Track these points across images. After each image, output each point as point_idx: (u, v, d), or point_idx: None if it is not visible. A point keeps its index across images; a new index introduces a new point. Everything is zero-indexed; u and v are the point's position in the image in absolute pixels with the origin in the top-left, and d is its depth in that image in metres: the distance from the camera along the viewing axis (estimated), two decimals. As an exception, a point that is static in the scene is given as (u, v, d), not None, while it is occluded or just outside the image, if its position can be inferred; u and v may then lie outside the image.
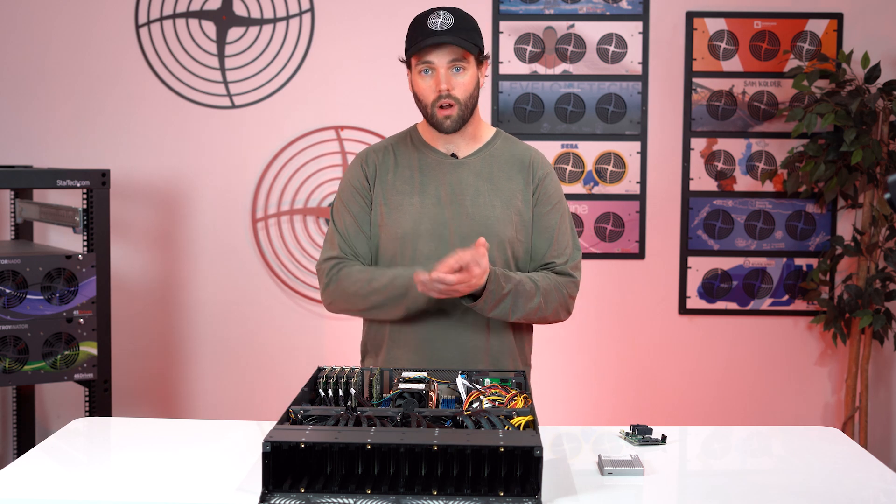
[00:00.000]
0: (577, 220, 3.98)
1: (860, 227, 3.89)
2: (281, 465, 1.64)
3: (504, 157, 2.36)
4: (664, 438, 2.05)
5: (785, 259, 4.00)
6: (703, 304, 4.03)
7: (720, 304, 4.02)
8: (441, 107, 2.25)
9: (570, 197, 3.89)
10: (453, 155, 2.35)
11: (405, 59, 2.30)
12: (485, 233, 2.27)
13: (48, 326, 3.17)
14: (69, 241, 3.91)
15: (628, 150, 3.98)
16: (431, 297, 2.15)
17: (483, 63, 2.30)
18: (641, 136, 3.98)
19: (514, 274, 2.26)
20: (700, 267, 4.01)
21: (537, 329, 2.49)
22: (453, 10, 2.25)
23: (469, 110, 2.28)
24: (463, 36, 2.21)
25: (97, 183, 3.26)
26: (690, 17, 3.94)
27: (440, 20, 2.21)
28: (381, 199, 2.34)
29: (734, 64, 3.95)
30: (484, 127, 2.40)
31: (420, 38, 2.22)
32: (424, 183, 2.33)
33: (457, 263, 2.09)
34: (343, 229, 2.35)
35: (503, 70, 3.96)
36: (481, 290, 2.17)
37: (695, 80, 3.96)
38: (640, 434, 2.05)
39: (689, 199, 4.00)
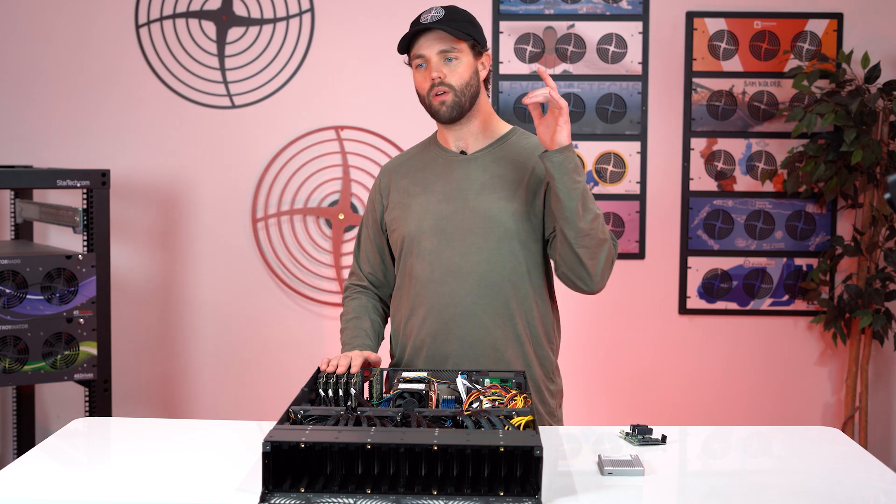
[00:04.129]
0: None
1: (860, 227, 3.89)
2: (281, 465, 1.64)
3: (516, 150, 2.35)
4: (664, 438, 2.05)
5: (785, 259, 4.00)
6: (703, 304, 4.03)
7: (720, 304, 4.02)
8: (436, 94, 2.27)
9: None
10: (462, 152, 2.37)
11: (407, 60, 2.34)
12: (486, 225, 2.28)
13: (48, 326, 3.17)
14: (69, 241, 3.91)
15: (628, 150, 3.98)
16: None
17: (482, 55, 2.31)
18: (641, 136, 3.98)
19: None
20: (700, 267, 4.01)
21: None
22: (446, 7, 2.29)
23: (467, 98, 2.28)
24: (453, 25, 2.24)
25: (97, 183, 3.26)
26: (690, 17, 3.94)
27: (430, 14, 2.26)
28: (394, 203, 2.40)
29: (734, 64, 3.95)
30: (496, 123, 2.39)
31: (411, 34, 2.27)
32: (432, 181, 2.36)
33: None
34: (362, 243, 2.50)
35: (503, 70, 3.96)
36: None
37: (695, 80, 3.96)
38: (640, 434, 2.05)
39: (689, 199, 4.00)
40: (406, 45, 2.30)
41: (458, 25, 2.25)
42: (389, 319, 2.48)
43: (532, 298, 2.33)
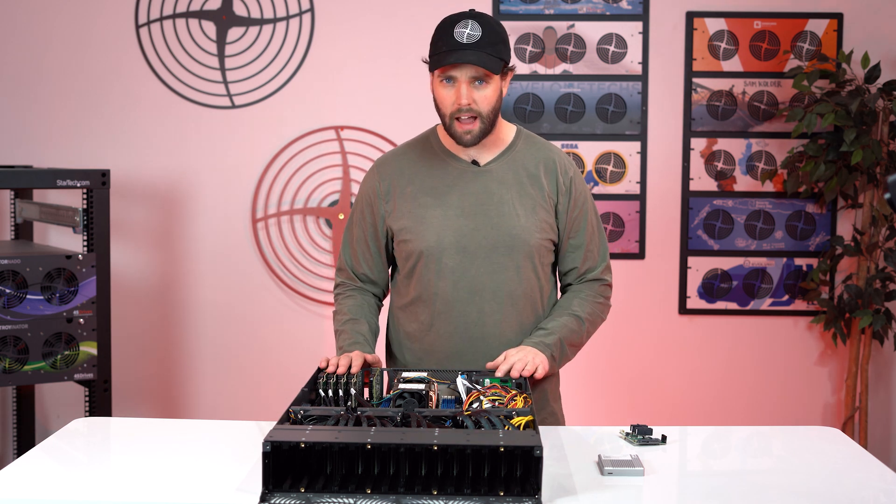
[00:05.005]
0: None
1: (860, 227, 3.89)
2: (281, 465, 1.64)
3: (527, 160, 2.32)
4: (664, 438, 2.05)
5: (785, 259, 4.00)
6: (703, 304, 4.03)
7: (720, 304, 4.02)
8: (459, 119, 2.19)
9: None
10: (474, 162, 2.30)
11: (428, 62, 2.22)
12: (510, 242, 2.26)
13: (48, 326, 3.17)
14: (69, 241, 3.91)
15: (628, 150, 3.98)
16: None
17: (508, 73, 2.24)
18: (641, 136, 3.98)
19: (554, 324, 2.31)
20: (700, 267, 4.01)
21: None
22: (482, 20, 2.16)
23: (491, 123, 2.22)
24: (489, 51, 2.14)
25: (97, 183, 3.26)
26: (690, 17, 3.94)
27: (467, 31, 2.14)
28: (402, 211, 2.31)
29: (734, 64, 3.95)
30: (504, 128, 2.33)
31: (445, 50, 2.14)
32: (446, 194, 2.29)
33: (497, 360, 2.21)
34: (354, 243, 2.40)
35: (503, 70, 3.96)
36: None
37: (695, 80, 3.96)
38: (640, 434, 2.05)
39: (689, 199, 4.00)
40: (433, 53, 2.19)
41: (494, 50, 2.15)
42: (395, 329, 2.42)
43: (547, 311, 2.37)
